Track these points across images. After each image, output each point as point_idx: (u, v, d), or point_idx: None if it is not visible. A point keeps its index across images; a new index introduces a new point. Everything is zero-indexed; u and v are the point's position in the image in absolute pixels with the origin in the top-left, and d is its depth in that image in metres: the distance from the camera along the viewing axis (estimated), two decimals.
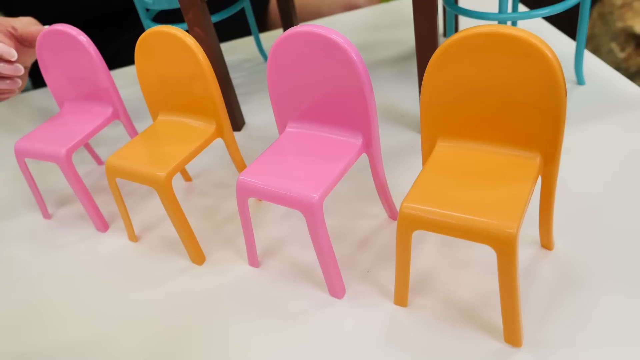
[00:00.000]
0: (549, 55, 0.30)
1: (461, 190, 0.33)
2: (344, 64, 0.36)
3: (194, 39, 0.42)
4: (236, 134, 0.61)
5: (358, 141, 0.39)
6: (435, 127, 0.36)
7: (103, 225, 0.51)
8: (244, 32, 0.82)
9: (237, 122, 0.61)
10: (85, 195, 0.49)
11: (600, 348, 0.33)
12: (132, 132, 0.53)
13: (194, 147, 0.44)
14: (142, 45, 0.45)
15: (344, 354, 0.36)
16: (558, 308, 0.36)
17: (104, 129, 0.63)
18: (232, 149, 0.47)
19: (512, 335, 0.34)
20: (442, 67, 0.34)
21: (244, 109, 0.64)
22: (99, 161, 0.61)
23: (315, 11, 0.92)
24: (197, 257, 0.45)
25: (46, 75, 0.53)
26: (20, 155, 0.51)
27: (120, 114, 0.51)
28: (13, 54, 0.55)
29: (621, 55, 1.33)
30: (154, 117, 0.49)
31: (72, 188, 0.49)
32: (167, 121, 0.48)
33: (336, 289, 0.39)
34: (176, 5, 0.60)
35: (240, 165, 0.48)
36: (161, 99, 0.48)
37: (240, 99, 0.65)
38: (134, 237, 0.49)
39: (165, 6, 0.61)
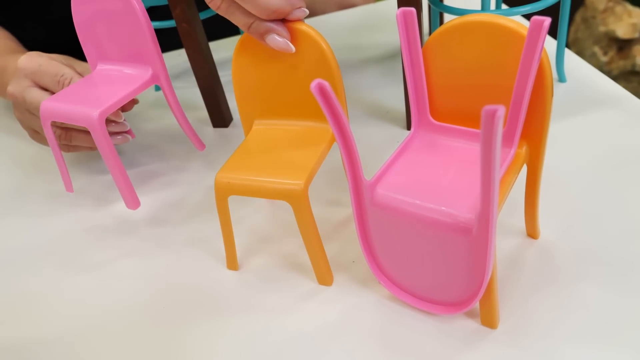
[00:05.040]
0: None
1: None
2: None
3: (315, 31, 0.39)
4: (223, 129, 0.61)
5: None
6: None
7: (133, 201, 0.47)
8: (233, 31, 0.83)
9: (225, 119, 0.61)
10: (117, 164, 0.45)
11: (575, 334, 0.34)
12: (172, 99, 0.48)
13: (320, 151, 0.39)
14: (243, 46, 0.41)
15: (330, 342, 0.36)
16: (539, 296, 0.36)
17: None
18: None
19: (488, 317, 0.35)
20: (435, 55, 0.35)
21: (232, 105, 0.65)
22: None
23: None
24: (326, 277, 0.40)
25: (80, 34, 0.49)
26: (46, 117, 0.46)
27: (161, 78, 0.47)
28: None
29: (604, 58, 1.36)
30: (248, 127, 0.44)
31: (102, 155, 0.45)
32: (270, 127, 0.43)
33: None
34: (165, 1, 0.61)
35: None
36: (261, 103, 0.43)
37: (227, 95, 0.66)
38: (235, 266, 0.43)
39: (154, 2, 0.61)
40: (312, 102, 0.40)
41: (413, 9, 0.33)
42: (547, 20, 0.29)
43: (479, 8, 0.54)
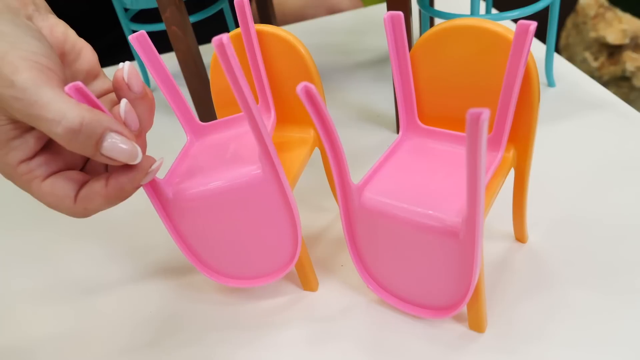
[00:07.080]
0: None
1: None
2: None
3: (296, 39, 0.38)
4: None
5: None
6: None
7: None
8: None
9: None
10: None
11: (563, 338, 0.34)
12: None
13: (302, 157, 0.39)
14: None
15: (317, 347, 0.36)
16: (527, 299, 0.36)
17: None
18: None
19: (476, 321, 0.35)
20: (423, 59, 0.35)
21: None
22: None
23: (299, 14, 0.93)
24: (312, 282, 0.40)
25: None
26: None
27: None
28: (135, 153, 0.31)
29: (595, 64, 1.37)
30: None
31: None
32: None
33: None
34: (155, 4, 0.60)
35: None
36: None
37: None
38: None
39: (144, 5, 0.61)
40: (291, 108, 0.40)
41: (401, 13, 0.33)
42: (533, 25, 0.30)
43: (469, 12, 0.54)
